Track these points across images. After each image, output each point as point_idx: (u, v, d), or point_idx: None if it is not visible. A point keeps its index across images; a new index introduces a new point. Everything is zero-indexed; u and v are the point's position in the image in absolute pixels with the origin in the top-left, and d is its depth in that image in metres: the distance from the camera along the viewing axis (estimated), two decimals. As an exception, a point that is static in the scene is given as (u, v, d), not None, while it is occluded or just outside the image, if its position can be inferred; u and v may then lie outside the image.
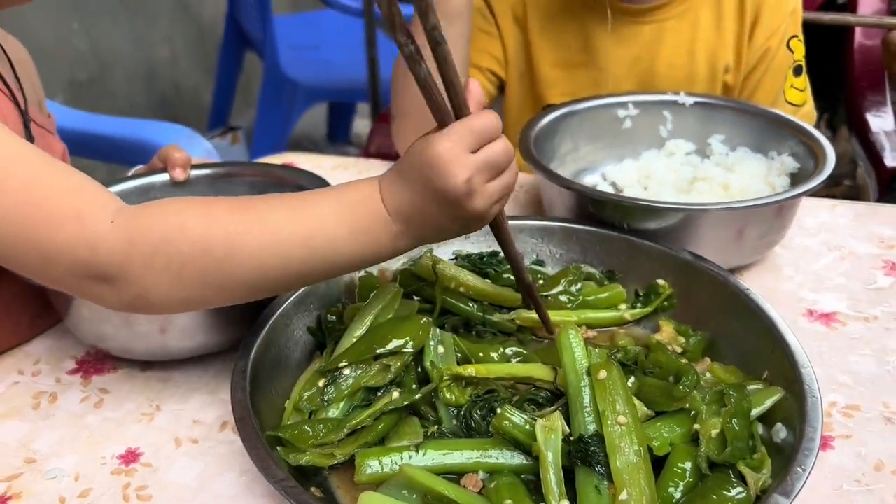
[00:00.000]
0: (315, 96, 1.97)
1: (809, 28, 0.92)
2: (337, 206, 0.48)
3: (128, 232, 0.47)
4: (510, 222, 0.66)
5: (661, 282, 0.61)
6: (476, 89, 0.50)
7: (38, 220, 0.46)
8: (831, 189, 1.80)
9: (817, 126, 2.15)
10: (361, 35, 1.84)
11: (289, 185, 0.72)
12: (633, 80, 0.92)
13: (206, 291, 0.48)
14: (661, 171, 0.83)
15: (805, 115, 0.93)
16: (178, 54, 2.28)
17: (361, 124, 2.56)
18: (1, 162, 0.47)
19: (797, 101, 0.93)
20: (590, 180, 0.86)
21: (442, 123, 0.48)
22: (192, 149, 0.98)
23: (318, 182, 0.70)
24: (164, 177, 0.74)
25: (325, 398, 0.52)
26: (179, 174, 0.74)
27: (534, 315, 0.59)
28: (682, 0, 0.90)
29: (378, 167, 0.98)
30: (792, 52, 0.92)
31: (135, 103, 2.14)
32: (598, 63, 0.91)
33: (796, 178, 0.77)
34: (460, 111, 0.48)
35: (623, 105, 0.86)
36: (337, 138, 2.54)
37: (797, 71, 0.92)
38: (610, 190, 0.83)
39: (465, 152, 0.47)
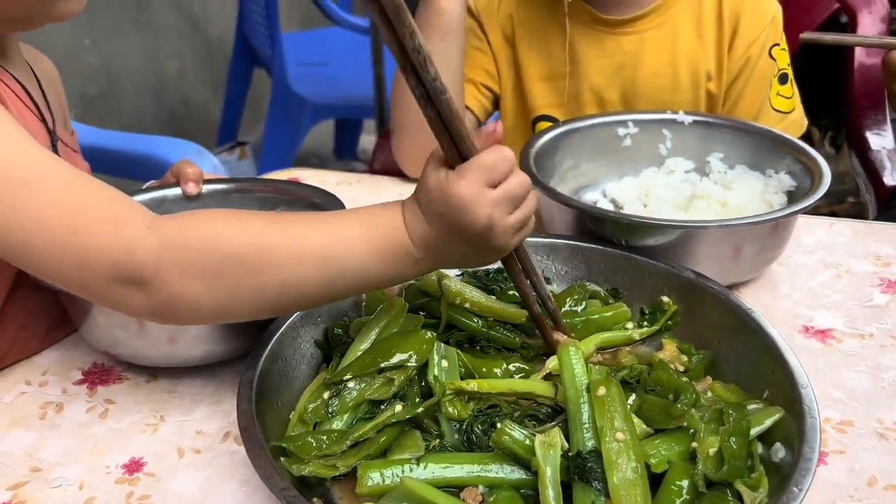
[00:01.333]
0: (322, 113, 1.99)
1: (811, 47, 0.93)
2: (361, 227, 0.50)
3: (164, 236, 0.48)
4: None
5: (665, 299, 0.62)
6: (499, 131, 0.51)
7: (75, 226, 0.48)
8: (835, 207, 1.81)
9: (821, 144, 2.15)
10: (368, 52, 1.86)
11: (300, 200, 0.74)
12: (617, 89, 0.95)
13: (236, 302, 0.49)
14: (660, 188, 0.84)
15: (793, 122, 0.95)
16: (187, 69, 2.31)
17: (368, 140, 2.58)
18: (35, 174, 0.49)
19: (784, 109, 0.94)
20: (590, 197, 0.87)
21: (454, 160, 0.49)
22: (200, 164, 0.98)
23: (329, 198, 0.71)
24: (177, 190, 0.75)
25: (330, 410, 0.53)
26: (192, 188, 0.75)
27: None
28: (661, 13, 0.93)
29: (383, 183, 0.99)
30: (775, 60, 0.94)
31: (143, 117, 2.16)
32: (581, 73, 0.95)
33: (793, 196, 0.78)
34: (470, 154, 0.49)
35: (623, 123, 0.87)
36: (344, 154, 2.56)
37: (782, 79, 0.94)
38: (610, 207, 0.84)
39: (483, 190, 0.48)
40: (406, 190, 0.96)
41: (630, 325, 0.63)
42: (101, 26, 2.00)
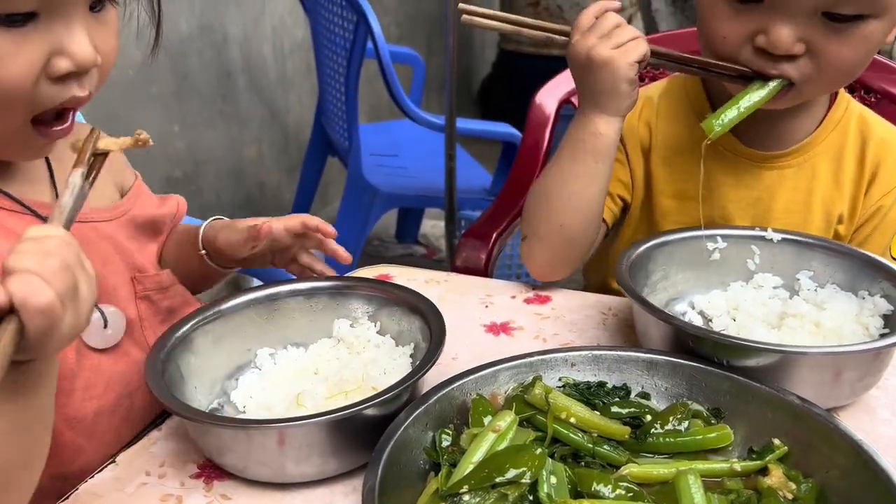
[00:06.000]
0: (392, 201, 2.07)
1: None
2: None
3: None
4: (609, 352, 0.70)
5: (777, 441, 0.62)
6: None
7: None
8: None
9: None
10: (435, 144, 1.95)
11: (402, 303, 0.77)
12: (748, 220, 0.95)
13: None
14: (748, 303, 0.85)
15: None
16: (265, 155, 2.44)
17: (429, 225, 2.66)
18: None
19: None
20: (679, 308, 0.88)
21: None
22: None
23: (429, 306, 0.75)
24: (289, 287, 0.79)
25: (446, 523, 0.55)
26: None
27: (646, 470, 0.61)
28: (803, 151, 0.94)
29: (468, 283, 1.02)
30: None
31: (222, 200, 2.28)
32: (715, 200, 0.95)
33: (889, 320, 0.78)
34: None
35: (712, 238, 0.90)
36: (405, 238, 2.63)
37: None
38: (698, 319, 0.86)
39: None
40: (493, 290, 0.99)
41: (733, 458, 0.63)
42: (189, 115, 2.15)
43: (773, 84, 0.83)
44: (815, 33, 0.79)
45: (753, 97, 0.83)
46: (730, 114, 0.82)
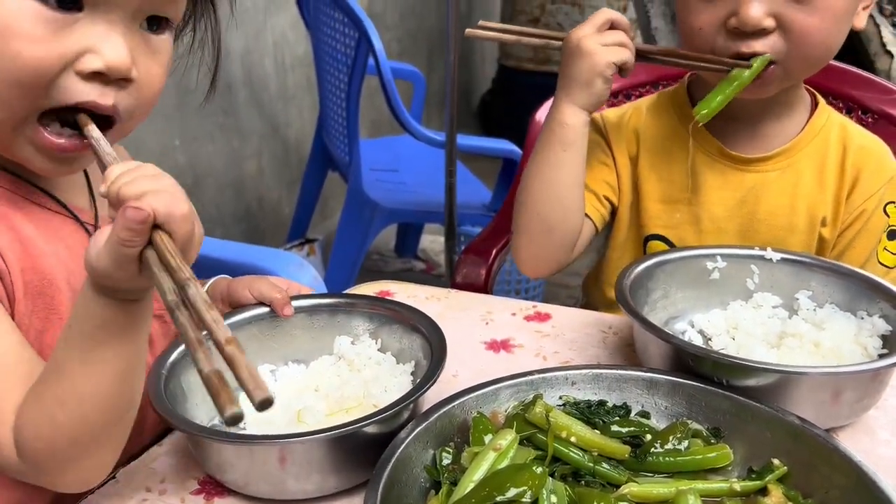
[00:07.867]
0: (392, 216, 2.08)
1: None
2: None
3: (16, 436, 0.57)
4: (609, 371, 0.70)
5: (776, 461, 0.62)
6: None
7: None
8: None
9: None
10: (435, 160, 1.96)
11: (402, 321, 0.78)
12: (734, 223, 0.98)
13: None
14: (748, 322, 0.85)
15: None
16: (265, 169, 2.45)
17: (428, 240, 2.67)
18: None
19: (889, 263, 0.97)
20: (678, 327, 0.89)
21: None
22: (300, 276, 1.06)
23: (430, 323, 0.75)
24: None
25: (447, 542, 0.55)
26: (289, 311, 0.78)
27: (646, 489, 0.61)
28: (787, 156, 0.97)
29: (469, 299, 1.03)
30: (888, 216, 0.97)
31: (222, 214, 2.28)
32: (701, 202, 0.98)
33: (888, 341, 0.78)
34: None
35: (712, 257, 0.90)
36: (404, 252, 2.64)
37: (891, 235, 0.97)
38: (698, 338, 0.86)
39: None
40: (493, 307, 0.99)
41: (733, 478, 0.63)
42: (190, 128, 2.16)
43: (754, 64, 0.86)
44: (782, 7, 0.85)
45: (737, 80, 0.86)
46: (716, 98, 0.87)
